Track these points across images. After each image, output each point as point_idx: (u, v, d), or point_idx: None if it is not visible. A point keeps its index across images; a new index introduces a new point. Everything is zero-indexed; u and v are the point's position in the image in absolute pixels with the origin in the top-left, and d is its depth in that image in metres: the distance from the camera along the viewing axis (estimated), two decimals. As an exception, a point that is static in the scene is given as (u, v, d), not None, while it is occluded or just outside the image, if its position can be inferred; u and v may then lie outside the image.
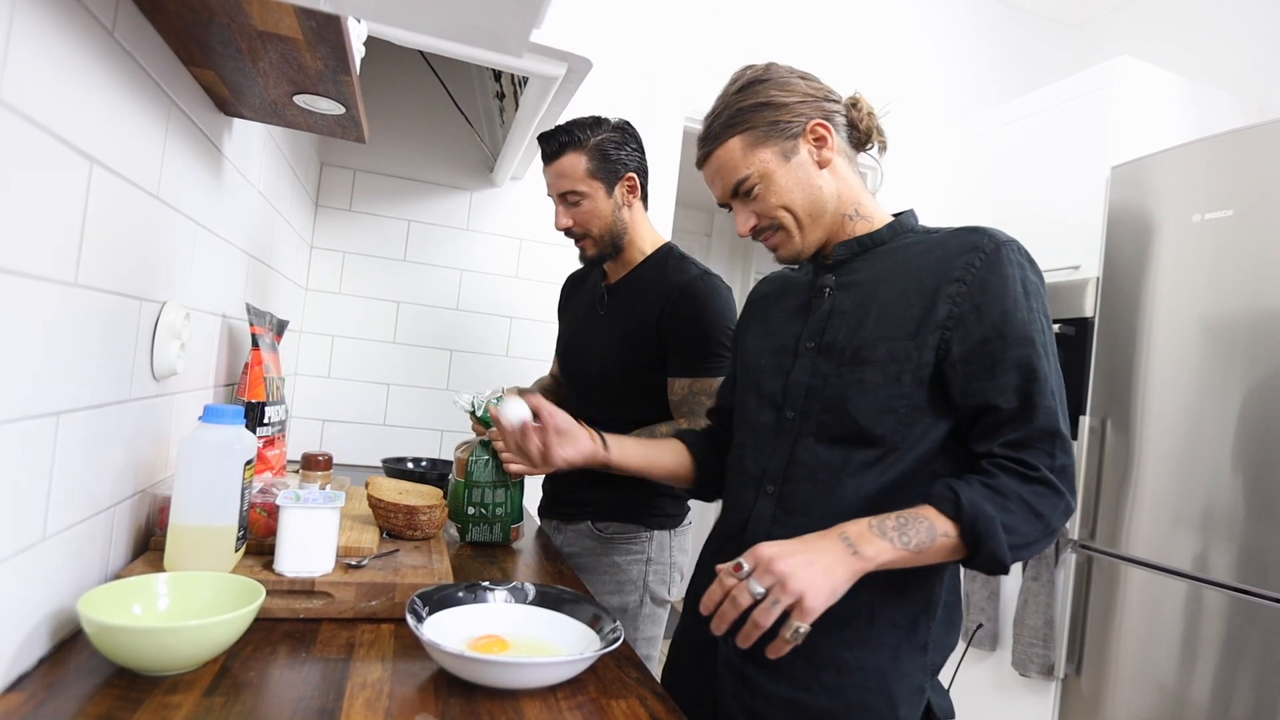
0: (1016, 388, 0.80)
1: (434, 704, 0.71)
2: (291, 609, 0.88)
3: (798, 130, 0.89)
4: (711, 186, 0.94)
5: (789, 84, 0.90)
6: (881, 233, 0.93)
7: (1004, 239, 0.84)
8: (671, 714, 0.75)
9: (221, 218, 1.18)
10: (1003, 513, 0.76)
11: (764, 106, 0.89)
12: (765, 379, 0.95)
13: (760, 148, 0.89)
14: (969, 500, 0.76)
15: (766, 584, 0.72)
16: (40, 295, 0.65)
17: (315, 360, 2.18)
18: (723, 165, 0.91)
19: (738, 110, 0.89)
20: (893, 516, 0.78)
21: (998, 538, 0.76)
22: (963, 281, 0.82)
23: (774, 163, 0.89)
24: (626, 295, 1.43)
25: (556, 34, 1.33)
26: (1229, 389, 1.65)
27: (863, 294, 0.89)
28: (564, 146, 1.33)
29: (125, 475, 0.88)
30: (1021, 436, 0.79)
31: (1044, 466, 0.78)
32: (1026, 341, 0.80)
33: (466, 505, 1.30)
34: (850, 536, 0.76)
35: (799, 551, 0.74)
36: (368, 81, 2.08)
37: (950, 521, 0.77)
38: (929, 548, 0.77)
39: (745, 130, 0.89)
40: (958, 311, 0.82)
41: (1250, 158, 1.68)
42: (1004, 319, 0.80)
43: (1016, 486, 0.78)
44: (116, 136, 0.77)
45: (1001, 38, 2.89)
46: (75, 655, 0.72)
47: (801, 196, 0.90)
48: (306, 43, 0.84)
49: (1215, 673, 1.60)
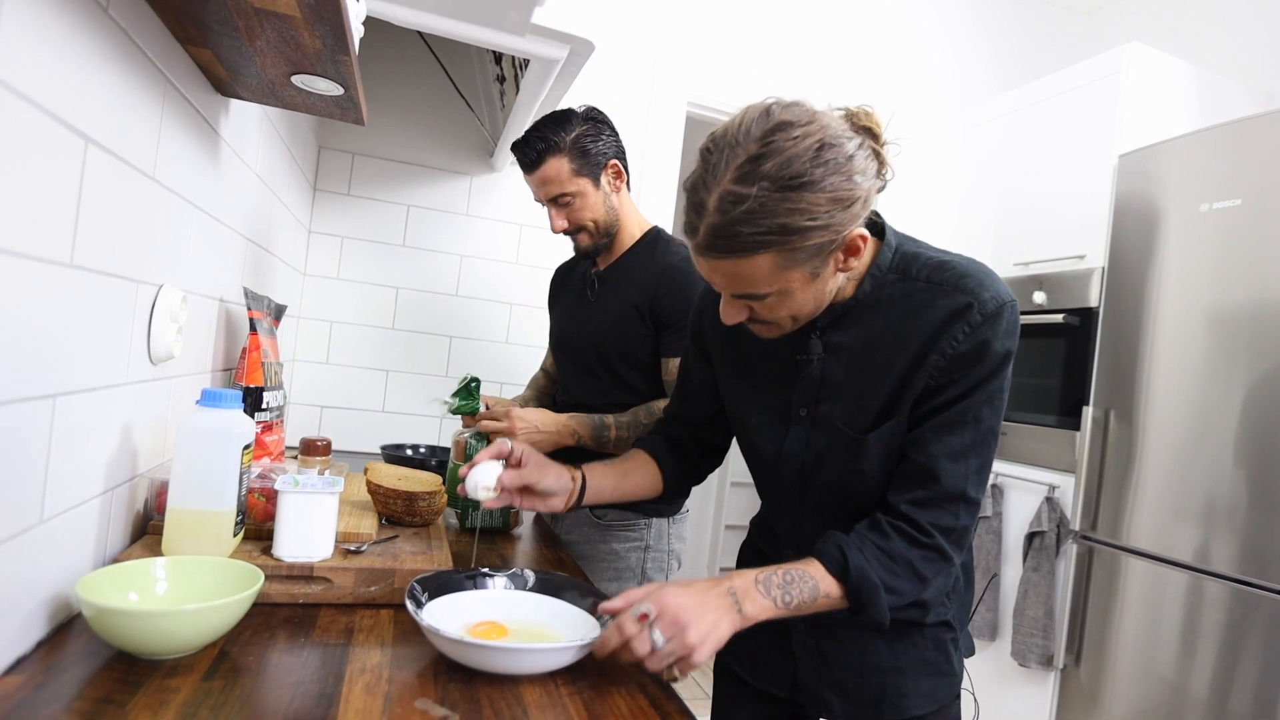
0: (941, 452, 0.81)
1: (433, 689, 0.71)
2: (290, 594, 0.88)
3: (835, 247, 0.75)
4: (709, 277, 0.80)
5: (838, 187, 0.71)
6: (865, 287, 0.84)
7: (993, 308, 0.79)
8: (669, 700, 0.75)
9: (218, 200, 1.17)
10: (889, 576, 0.81)
11: (810, 230, 0.71)
12: (758, 439, 0.95)
13: (791, 269, 0.74)
14: (856, 567, 0.80)
15: (668, 634, 0.74)
16: (35, 276, 0.64)
17: (314, 345, 2.17)
18: (739, 275, 0.75)
19: (779, 225, 0.70)
20: (780, 572, 0.80)
21: (879, 604, 0.80)
22: (944, 354, 0.80)
23: (799, 282, 0.76)
24: (617, 279, 1.42)
25: (558, 15, 1.31)
26: (1233, 380, 1.64)
27: (852, 361, 0.85)
28: (543, 153, 1.31)
29: (123, 459, 0.88)
30: (928, 496, 0.82)
31: (939, 530, 0.81)
32: (971, 420, 0.81)
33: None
34: (737, 592, 0.79)
35: (697, 605, 0.76)
36: (366, 64, 2.06)
37: (835, 582, 0.81)
38: (809, 605, 0.81)
39: (782, 250, 0.72)
40: (933, 384, 0.82)
41: (1258, 147, 1.67)
42: (965, 395, 0.81)
43: (906, 551, 0.81)
44: (112, 116, 0.75)
45: (1008, 24, 2.86)
46: (73, 639, 0.72)
47: (812, 306, 0.81)
48: (304, 21, 0.82)
49: (1215, 664, 1.61)
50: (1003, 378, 0.82)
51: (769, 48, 2.54)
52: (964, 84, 2.79)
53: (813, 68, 2.58)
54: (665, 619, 0.74)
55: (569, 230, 1.38)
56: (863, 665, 0.93)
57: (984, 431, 0.82)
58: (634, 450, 1.09)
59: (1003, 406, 0.83)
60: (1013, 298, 0.82)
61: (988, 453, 0.83)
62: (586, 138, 1.33)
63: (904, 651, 0.93)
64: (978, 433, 0.81)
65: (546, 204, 1.37)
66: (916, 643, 0.93)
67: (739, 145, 0.71)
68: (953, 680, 0.95)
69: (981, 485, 0.84)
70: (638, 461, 1.08)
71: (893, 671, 0.92)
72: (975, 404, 0.81)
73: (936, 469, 0.81)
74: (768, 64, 2.53)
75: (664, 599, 0.75)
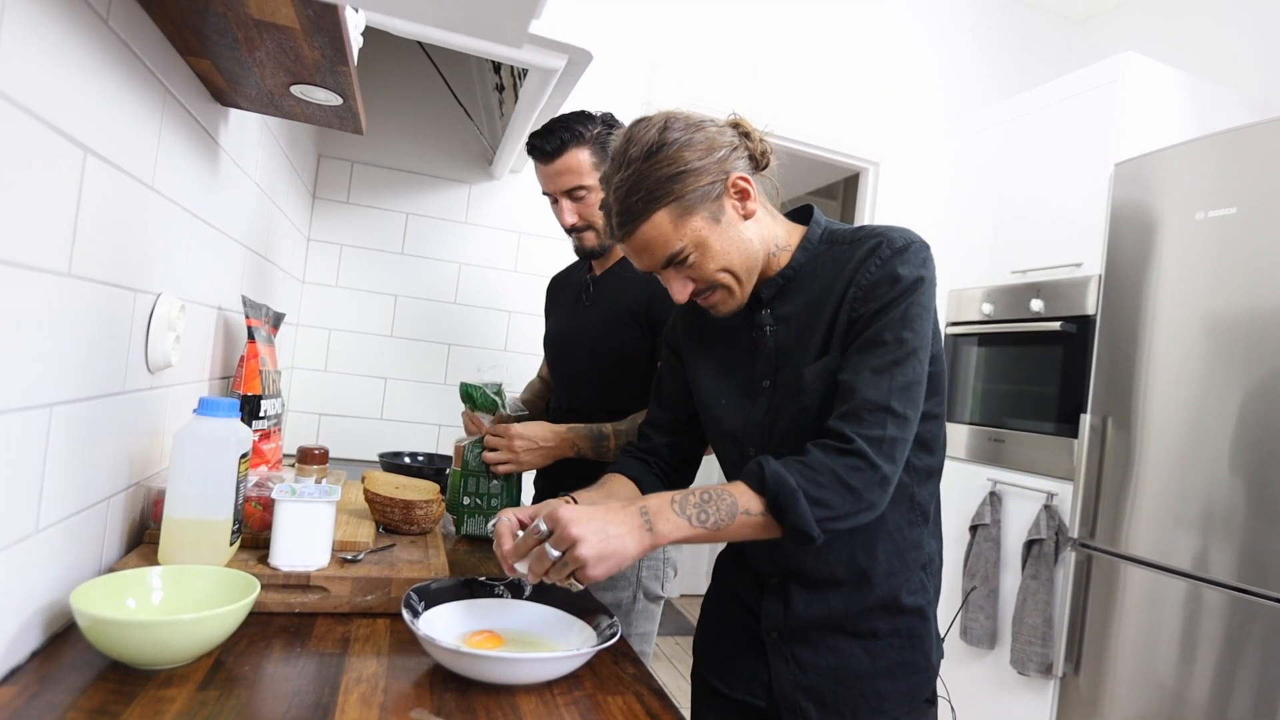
0: (862, 367, 0.83)
1: (429, 699, 0.70)
2: (287, 603, 0.88)
3: (720, 190, 0.86)
4: (637, 259, 0.90)
5: (693, 141, 0.85)
6: (797, 257, 0.93)
7: (903, 243, 0.86)
8: (667, 710, 0.75)
9: (217, 209, 1.17)
10: (810, 485, 0.79)
11: (683, 174, 0.84)
12: (726, 418, 0.97)
13: (689, 217, 0.85)
14: (773, 474, 0.80)
15: (560, 549, 0.76)
16: (33, 285, 0.64)
17: (312, 353, 2.17)
18: (651, 241, 0.86)
19: (655, 181, 0.84)
20: (698, 492, 0.81)
21: (799, 509, 0.78)
22: (859, 285, 0.86)
23: (705, 229, 0.86)
24: (611, 284, 1.43)
25: (556, 25, 1.32)
26: (1231, 388, 1.65)
27: (798, 325, 0.91)
28: (567, 143, 1.32)
29: (119, 468, 0.88)
30: (850, 408, 0.82)
31: (863, 439, 0.80)
32: (892, 340, 0.83)
33: (462, 495, 1.29)
34: (649, 511, 0.79)
35: (595, 519, 0.77)
36: (365, 73, 2.07)
37: (757, 496, 0.81)
38: (729, 525, 0.80)
39: (670, 202, 0.84)
40: (854, 315, 0.86)
41: (1254, 155, 1.67)
42: (878, 314, 0.84)
43: (828, 460, 0.80)
44: (111, 125, 0.76)
45: (1005, 33, 2.88)
46: (68, 649, 0.72)
47: (737, 255, 0.88)
48: (303, 32, 0.83)
49: (1214, 672, 1.60)
50: (918, 301, 0.84)
51: (766, 57, 2.55)
52: (960, 93, 2.80)
53: (810, 77, 2.59)
54: (556, 535, 0.76)
55: (577, 226, 1.36)
56: (839, 671, 0.92)
57: (906, 351, 0.83)
58: (610, 475, 1.06)
59: (925, 332, 0.85)
60: (924, 241, 0.88)
61: (912, 373, 0.83)
62: (606, 136, 1.35)
63: (880, 653, 0.92)
64: (900, 351, 0.83)
65: (559, 197, 1.35)
66: (893, 643, 0.92)
67: (615, 156, 0.89)
68: (929, 675, 0.95)
69: (910, 403, 0.83)
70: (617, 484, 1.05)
71: (870, 676, 0.92)
72: (891, 323, 0.83)
73: (857, 383, 0.83)
74: (765, 73, 2.54)
75: (559, 515, 0.77)
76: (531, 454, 1.28)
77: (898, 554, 0.92)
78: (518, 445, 1.27)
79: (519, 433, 1.28)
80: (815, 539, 0.80)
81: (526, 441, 1.28)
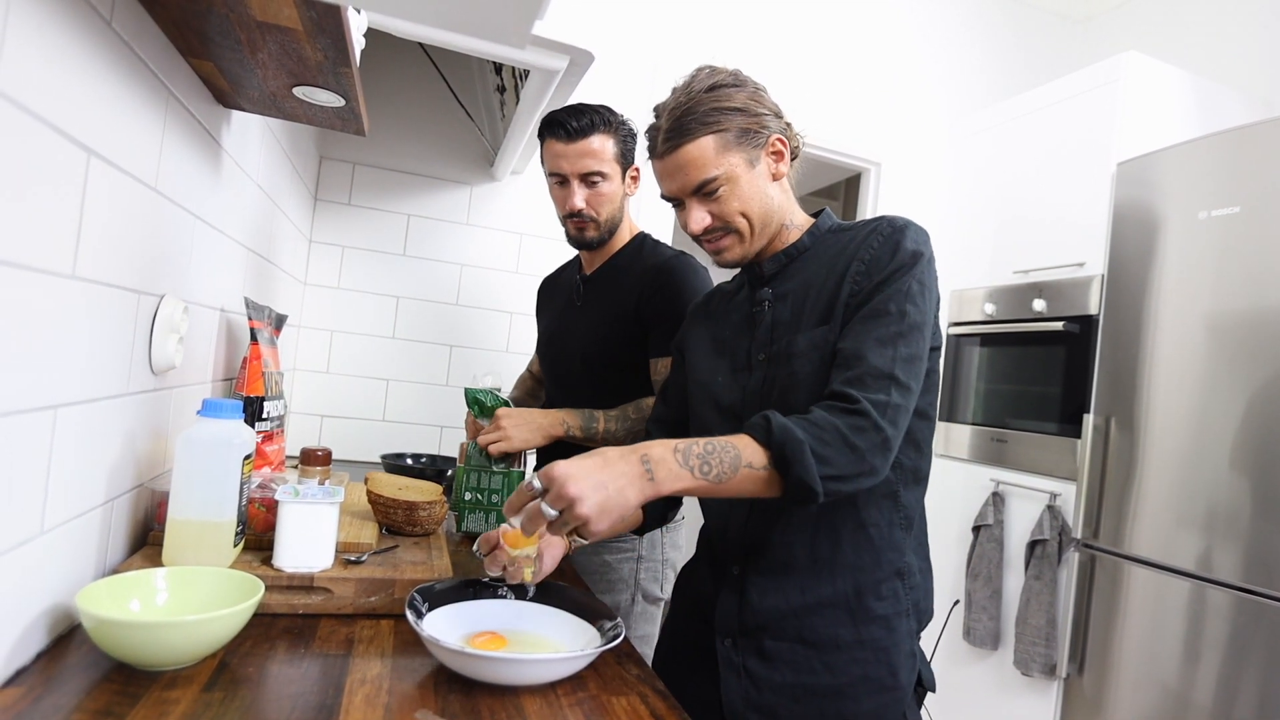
0: (866, 336, 0.84)
1: (433, 700, 0.70)
2: (290, 604, 0.88)
3: (763, 142, 0.92)
4: (667, 180, 0.94)
5: (759, 96, 0.93)
6: (804, 240, 0.97)
7: (904, 223, 0.90)
8: (673, 711, 0.75)
9: (220, 211, 1.17)
10: (815, 441, 0.78)
11: (739, 112, 0.90)
12: (722, 393, 0.98)
13: (731, 151, 0.90)
14: (780, 426, 0.79)
15: (559, 507, 0.73)
16: (37, 288, 0.64)
17: (314, 355, 2.17)
18: (691, 161, 0.90)
19: (713, 109, 0.90)
20: (702, 443, 0.79)
21: (805, 461, 0.77)
22: (862, 260, 0.89)
23: (741, 168, 0.91)
24: (603, 283, 1.43)
25: (558, 26, 1.32)
26: (1234, 387, 1.64)
27: (795, 301, 0.94)
28: (594, 125, 1.31)
29: (123, 469, 0.88)
30: (856, 374, 0.82)
31: (867, 399, 0.80)
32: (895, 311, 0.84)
33: (464, 490, 1.29)
34: (651, 459, 0.77)
35: (593, 473, 0.74)
36: (368, 74, 2.07)
37: (761, 449, 0.79)
38: (731, 479, 0.78)
39: (719, 131, 0.90)
40: (856, 288, 0.88)
41: (1257, 154, 1.67)
42: (881, 286, 0.86)
43: (832, 418, 0.80)
44: (114, 128, 0.76)
45: (1006, 33, 2.87)
46: (73, 650, 0.72)
47: (758, 205, 0.93)
48: (306, 34, 0.83)
49: (1219, 673, 1.60)
50: (919, 276, 0.86)
51: (768, 57, 2.55)
52: (961, 93, 2.80)
53: (811, 77, 2.59)
54: (553, 493, 0.72)
55: (585, 213, 1.34)
56: (796, 688, 0.87)
57: (909, 325, 0.84)
58: None
59: (925, 309, 0.86)
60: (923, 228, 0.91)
61: (915, 346, 0.84)
62: (629, 136, 1.37)
63: (841, 668, 0.87)
64: (902, 324, 0.84)
65: (573, 179, 1.33)
66: (855, 656, 0.87)
67: (675, 87, 0.94)
68: (898, 696, 0.88)
69: (912, 374, 0.84)
70: None
71: (831, 694, 0.87)
72: (896, 295, 0.85)
73: (863, 350, 0.83)
74: (766, 73, 2.52)
75: (554, 471, 0.73)
76: (520, 429, 1.27)
77: (868, 549, 0.89)
78: (505, 423, 1.27)
79: (506, 414, 1.28)
80: (818, 496, 0.78)
81: (514, 419, 1.28)
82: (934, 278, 0.89)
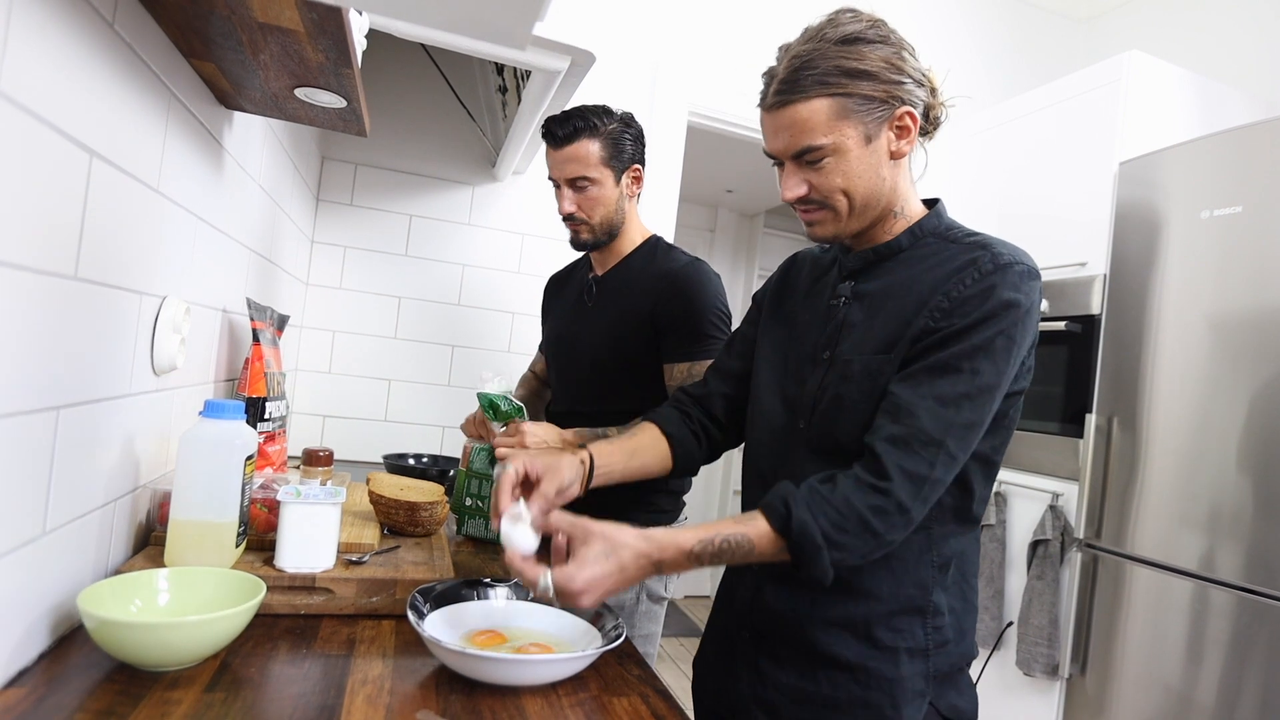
0: (929, 393, 0.76)
1: (435, 700, 0.70)
2: (292, 605, 0.88)
3: (889, 115, 0.81)
4: (770, 136, 0.84)
5: (901, 58, 0.81)
6: (901, 239, 0.88)
7: (1008, 261, 0.79)
8: (673, 711, 0.75)
9: (222, 212, 1.17)
10: (833, 529, 0.74)
11: (867, 76, 0.79)
12: (788, 384, 0.92)
13: (846, 120, 0.80)
14: (799, 522, 0.75)
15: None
16: (40, 289, 0.64)
17: (316, 355, 2.17)
18: (799, 122, 0.80)
19: (836, 68, 0.78)
20: (718, 541, 0.77)
21: (820, 563, 0.75)
22: (948, 296, 0.79)
23: (854, 141, 0.80)
24: (615, 285, 1.43)
25: (559, 27, 1.32)
26: (1237, 387, 1.64)
27: (871, 307, 0.86)
28: (578, 131, 1.33)
29: (125, 470, 0.88)
30: (903, 433, 0.75)
31: (904, 475, 0.74)
32: (967, 369, 0.76)
33: (465, 496, 1.29)
34: (665, 565, 0.77)
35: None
36: (369, 75, 2.07)
37: (776, 537, 0.76)
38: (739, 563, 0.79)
39: (838, 95, 0.79)
40: (932, 325, 0.79)
41: (1259, 154, 1.67)
42: (960, 336, 0.77)
43: (855, 500, 0.75)
44: (116, 129, 0.76)
45: (1008, 32, 2.87)
46: (75, 650, 0.72)
47: (864, 185, 0.83)
48: (308, 35, 0.83)
49: (1222, 673, 1.59)
50: (1005, 330, 0.77)
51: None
52: (962, 93, 2.79)
53: (813, 77, 2.59)
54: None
55: (575, 216, 1.37)
56: (798, 691, 0.86)
57: (979, 386, 0.76)
58: (642, 424, 1.03)
59: (1005, 370, 0.77)
60: (1034, 265, 0.80)
61: (979, 412, 0.76)
62: (621, 134, 1.36)
63: (841, 684, 0.85)
64: (972, 385, 0.76)
65: (562, 184, 1.36)
66: (856, 678, 0.84)
67: (807, 30, 0.83)
68: None
69: (965, 444, 0.76)
70: (647, 437, 1.01)
71: (827, 706, 0.85)
72: (972, 350, 0.76)
73: (919, 408, 0.75)
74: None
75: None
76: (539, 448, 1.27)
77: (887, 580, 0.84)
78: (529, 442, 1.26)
79: (530, 430, 1.28)
80: (826, 584, 0.77)
81: (535, 438, 1.27)
82: (1028, 330, 0.78)
